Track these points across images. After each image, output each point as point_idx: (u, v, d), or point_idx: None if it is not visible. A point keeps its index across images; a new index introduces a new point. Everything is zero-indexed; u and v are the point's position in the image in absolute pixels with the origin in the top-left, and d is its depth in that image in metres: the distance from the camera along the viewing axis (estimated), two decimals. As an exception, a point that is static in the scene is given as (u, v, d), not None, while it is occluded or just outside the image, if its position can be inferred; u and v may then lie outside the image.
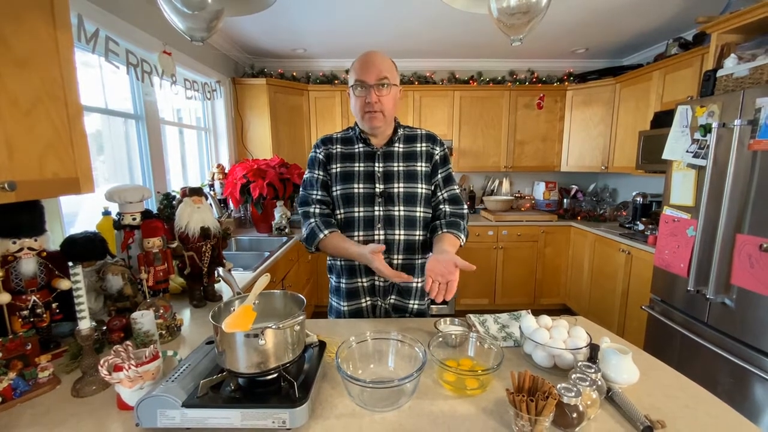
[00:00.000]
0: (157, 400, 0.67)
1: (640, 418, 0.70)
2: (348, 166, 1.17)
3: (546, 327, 0.95)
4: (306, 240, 1.15)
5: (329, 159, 1.18)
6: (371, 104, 1.08)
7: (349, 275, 1.18)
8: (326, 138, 1.21)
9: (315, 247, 1.14)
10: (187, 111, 2.74)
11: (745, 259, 1.51)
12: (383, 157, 1.16)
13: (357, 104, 1.11)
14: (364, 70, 1.07)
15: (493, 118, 3.39)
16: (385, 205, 1.15)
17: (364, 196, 1.15)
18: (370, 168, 1.16)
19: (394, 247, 1.16)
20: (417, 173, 1.17)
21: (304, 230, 1.16)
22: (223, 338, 0.71)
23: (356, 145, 1.18)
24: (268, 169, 2.56)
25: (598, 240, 2.92)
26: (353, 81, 1.10)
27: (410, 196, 1.16)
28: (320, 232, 1.11)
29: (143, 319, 0.87)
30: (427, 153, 1.19)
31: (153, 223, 1.11)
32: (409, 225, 1.16)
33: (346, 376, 0.73)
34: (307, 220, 1.16)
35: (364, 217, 1.15)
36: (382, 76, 1.07)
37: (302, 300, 0.83)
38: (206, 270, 1.26)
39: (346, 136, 1.21)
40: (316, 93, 3.31)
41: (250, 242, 2.57)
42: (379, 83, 1.07)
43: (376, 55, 1.09)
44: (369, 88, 1.07)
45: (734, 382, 1.57)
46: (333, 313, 1.25)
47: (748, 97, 1.52)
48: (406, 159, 1.17)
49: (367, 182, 1.15)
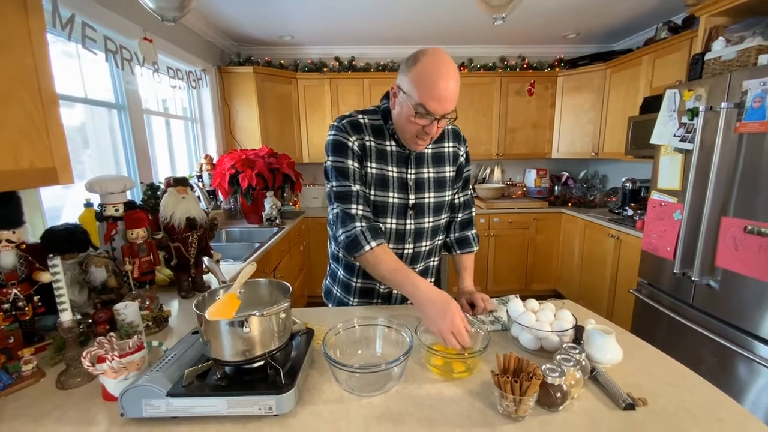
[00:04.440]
0: (142, 390, 0.66)
1: (622, 396, 0.72)
2: (383, 168, 1.04)
3: (533, 310, 0.96)
4: (347, 248, 0.99)
5: (364, 152, 1.02)
6: (428, 134, 0.95)
7: (365, 275, 1.11)
8: (355, 122, 1.03)
9: (354, 257, 1.00)
10: (173, 101, 2.68)
11: (730, 241, 1.53)
12: (415, 162, 1.07)
13: (411, 127, 0.95)
14: (439, 100, 0.89)
15: (484, 105, 3.37)
16: (416, 217, 1.08)
17: (397, 208, 1.06)
18: (403, 174, 1.06)
19: (419, 259, 1.14)
20: (445, 181, 1.12)
21: (343, 234, 0.99)
22: (207, 327, 0.70)
23: (388, 141, 1.05)
24: (257, 159, 2.53)
25: (588, 226, 2.95)
26: (416, 101, 0.89)
27: (439, 205, 1.12)
28: (366, 243, 0.96)
29: (127, 311, 0.86)
30: (454, 154, 1.14)
31: (136, 214, 1.09)
32: (434, 234, 1.15)
33: (333, 362, 0.73)
34: (349, 223, 0.99)
35: (396, 230, 1.07)
36: (452, 109, 0.93)
37: (288, 288, 0.82)
38: (193, 261, 1.25)
39: (376, 123, 1.05)
40: (305, 81, 3.26)
41: (241, 233, 2.55)
42: (447, 116, 0.93)
43: (455, 83, 0.90)
44: (435, 119, 0.92)
45: (718, 361, 1.61)
46: (335, 303, 1.22)
47: (735, 80, 1.52)
48: (436, 163, 1.10)
49: (400, 191, 1.06)
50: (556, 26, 2.97)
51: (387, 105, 1.05)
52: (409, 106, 0.92)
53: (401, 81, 0.94)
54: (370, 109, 1.08)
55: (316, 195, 3.57)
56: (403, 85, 0.93)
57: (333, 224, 1.05)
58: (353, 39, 3.24)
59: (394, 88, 0.98)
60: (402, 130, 0.99)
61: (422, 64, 0.89)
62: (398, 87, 0.96)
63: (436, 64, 0.88)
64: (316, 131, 3.35)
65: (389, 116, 1.04)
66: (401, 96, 0.95)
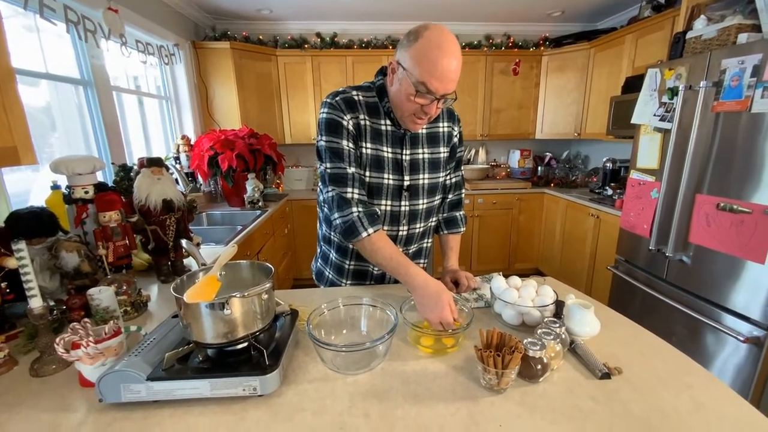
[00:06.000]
0: (120, 375, 0.65)
1: (599, 366, 0.74)
2: (378, 149, 1.01)
3: (515, 287, 0.97)
4: (343, 233, 0.97)
5: (359, 132, 0.98)
6: (427, 114, 0.93)
7: (358, 257, 1.10)
8: (349, 100, 0.98)
9: (351, 243, 0.99)
10: (144, 78, 2.54)
11: (703, 218, 1.59)
12: (410, 142, 1.04)
13: (409, 105, 0.92)
14: (441, 79, 0.86)
15: (469, 85, 3.33)
16: (411, 198, 1.07)
17: (392, 189, 1.04)
18: (397, 155, 1.03)
19: (413, 240, 1.13)
20: (440, 162, 1.10)
21: (339, 219, 0.97)
22: (187, 310, 0.69)
23: (383, 120, 1.01)
24: (237, 140, 2.44)
25: (569, 205, 3.01)
26: (417, 79, 0.86)
27: (433, 187, 1.10)
28: (363, 230, 0.94)
29: (101, 295, 0.83)
30: (448, 134, 1.11)
31: (108, 196, 1.04)
32: (428, 216, 1.14)
33: (317, 341, 0.72)
34: (345, 207, 0.96)
35: (391, 212, 1.06)
36: (453, 89, 0.90)
37: (270, 269, 0.81)
38: (172, 244, 1.21)
39: (371, 101, 1.01)
40: (286, 58, 3.13)
41: (223, 216, 2.49)
42: (447, 96, 0.90)
43: (458, 63, 0.86)
44: (435, 99, 0.89)
45: (688, 332, 1.70)
46: (328, 285, 1.21)
47: (714, 59, 1.54)
48: (430, 143, 1.08)
49: (395, 172, 1.03)
50: (542, 3, 2.93)
51: (382, 82, 1.01)
52: (409, 84, 0.88)
53: (401, 57, 0.90)
54: (364, 85, 1.04)
55: (300, 177, 3.50)
56: (404, 61, 0.88)
57: (328, 207, 1.03)
58: (335, 14, 3.12)
59: (392, 64, 0.94)
60: (399, 109, 0.96)
61: (425, 40, 0.85)
62: (397, 63, 0.91)
63: (439, 40, 0.84)
64: (298, 111, 3.26)
65: (384, 94, 1.00)
66: (400, 72, 0.90)
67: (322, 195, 1.07)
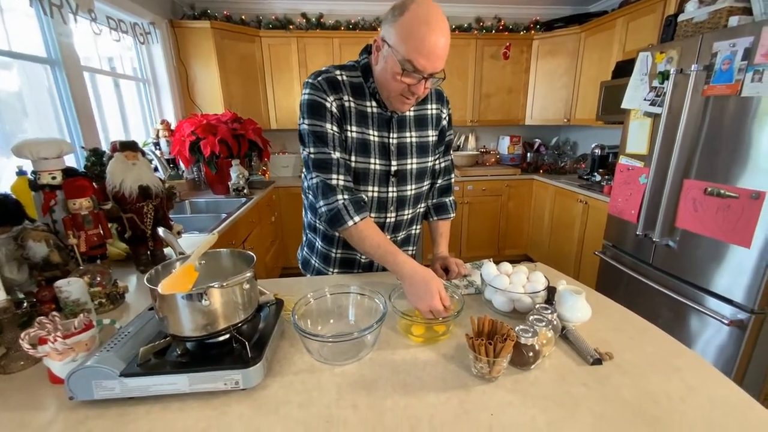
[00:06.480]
0: (90, 372, 0.61)
1: (590, 352, 0.73)
2: (363, 132, 0.96)
3: (506, 273, 0.96)
4: (329, 222, 0.94)
5: (343, 114, 0.94)
6: (415, 94, 0.88)
7: (345, 245, 1.07)
8: (332, 80, 0.93)
9: (337, 232, 0.96)
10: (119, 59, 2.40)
11: (690, 203, 1.60)
12: (397, 125, 1.00)
13: (395, 85, 0.87)
14: (429, 57, 0.81)
15: (459, 69, 3.27)
16: (398, 184, 1.03)
17: (379, 175, 1.00)
18: (384, 138, 0.99)
19: (401, 227, 1.10)
20: (428, 146, 1.06)
21: (324, 206, 0.93)
22: (162, 302, 0.65)
23: (368, 102, 0.96)
24: (219, 124, 2.35)
25: (558, 192, 3.02)
26: (403, 56, 0.81)
27: (421, 172, 1.06)
28: (349, 218, 0.91)
29: (70, 288, 0.78)
30: (437, 117, 1.07)
31: (77, 181, 0.97)
32: (416, 202, 1.11)
33: (303, 332, 0.69)
34: (330, 195, 0.92)
35: (378, 198, 1.02)
36: (441, 68, 0.85)
37: (252, 257, 0.77)
38: (150, 233, 1.16)
39: (355, 80, 0.95)
40: (270, 39, 3.01)
41: (207, 204, 2.42)
42: (435, 75, 0.86)
43: (446, 40, 0.82)
44: (423, 78, 0.85)
45: (673, 315, 1.73)
46: (314, 274, 1.17)
47: (706, 42, 1.52)
48: (418, 126, 1.03)
49: (382, 157, 0.99)
50: (533, -15, 2.86)
51: (367, 60, 0.96)
52: (394, 62, 0.83)
53: (386, 33, 0.84)
54: (348, 64, 0.98)
55: (287, 164, 3.42)
56: (389, 37, 0.83)
57: (312, 194, 0.98)
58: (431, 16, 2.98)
59: (377, 41, 0.88)
60: (385, 89, 0.91)
61: (411, 14, 0.80)
62: (382, 40, 0.86)
63: (426, 15, 0.80)
64: (283, 95, 3.16)
65: (370, 73, 0.95)
66: (385, 50, 0.85)
67: (306, 181, 1.02)
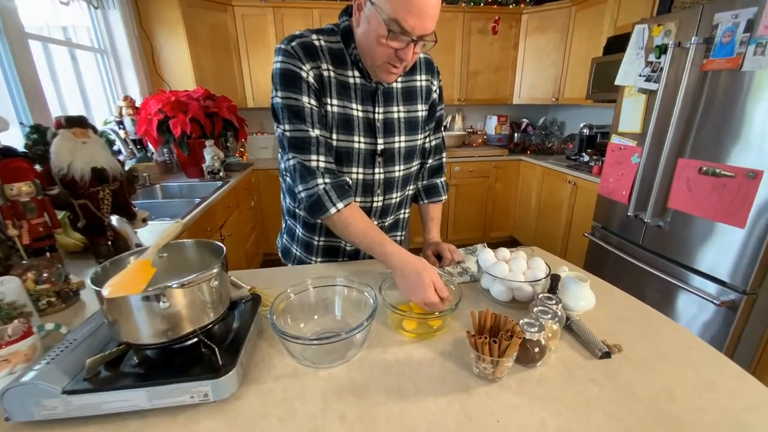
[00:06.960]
0: (26, 389, 0.51)
1: (598, 345, 0.68)
2: (345, 106, 0.86)
3: (504, 260, 0.89)
4: (309, 209, 0.84)
5: (321, 85, 0.83)
6: (402, 61, 0.78)
7: (328, 232, 0.98)
8: (308, 45, 0.81)
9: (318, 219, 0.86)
10: (73, 29, 2.16)
11: (684, 182, 1.56)
12: (383, 99, 0.90)
13: (380, 50, 0.76)
14: (419, 15, 0.71)
15: (446, 44, 3.13)
16: (385, 165, 0.94)
17: (364, 154, 0.90)
18: (369, 113, 0.89)
19: (389, 211, 1.01)
20: (417, 121, 0.96)
21: (303, 192, 0.84)
22: (110, 306, 0.54)
23: (350, 71, 0.85)
24: (190, 101, 2.17)
25: (546, 172, 2.98)
26: (389, 15, 0.71)
27: (410, 151, 0.97)
28: (332, 205, 0.82)
29: (3, 288, 0.66)
30: (426, 89, 0.97)
31: (14, 163, 0.84)
32: (405, 184, 1.01)
33: (283, 335, 0.61)
34: (310, 179, 0.82)
35: (363, 181, 0.93)
36: (432, 29, 0.75)
37: (221, 248, 0.66)
38: (108, 221, 1.03)
39: (335, 46, 0.84)
40: (243, 9, 2.79)
41: (180, 189, 2.26)
42: (425, 38, 0.76)
43: None
44: (412, 41, 0.74)
45: (661, 296, 1.73)
46: (296, 264, 1.08)
47: (706, 13, 1.45)
48: (406, 99, 0.93)
49: (367, 135, 0.89)
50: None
51: (347, 23, 0.84)
52: (379, 23, 0.72)
53: None
54: (326, 28, 0.86)
55: (265, 145, 3.25)
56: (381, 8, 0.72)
57: (290, 177, 0.88)
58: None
59: (358, 0, 0.77)
60: (369, 55, 0.80)
61: None
62: None
63: None
64: (260, 71, 2.95)
65: (351, 38, 0.83)
66: (368, 9, 0.74)
67: (283, 163, 0.91)
